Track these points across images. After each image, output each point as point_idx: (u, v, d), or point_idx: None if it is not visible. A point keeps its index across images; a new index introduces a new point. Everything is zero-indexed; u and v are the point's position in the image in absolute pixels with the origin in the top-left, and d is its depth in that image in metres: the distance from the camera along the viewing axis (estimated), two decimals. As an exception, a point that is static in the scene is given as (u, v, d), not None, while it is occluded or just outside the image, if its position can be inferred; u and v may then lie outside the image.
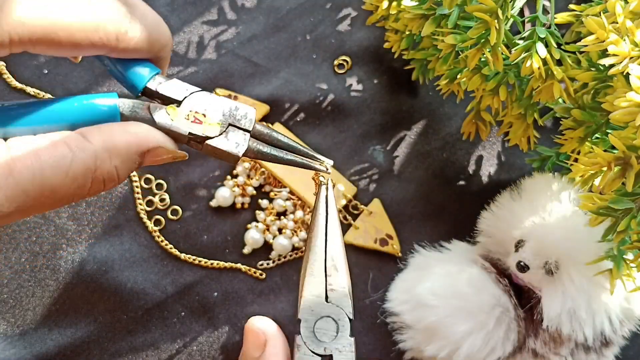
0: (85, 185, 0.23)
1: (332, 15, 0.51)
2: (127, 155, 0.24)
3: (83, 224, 0.46)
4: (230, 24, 0.51)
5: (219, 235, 0.47)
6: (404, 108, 0.50)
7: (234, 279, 0.46)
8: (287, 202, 0.47)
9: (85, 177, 0.23)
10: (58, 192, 0.23)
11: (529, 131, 0.41)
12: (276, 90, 0.49)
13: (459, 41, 0.36)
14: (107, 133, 0.24)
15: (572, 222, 0.38)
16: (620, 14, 0.30)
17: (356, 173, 0.48)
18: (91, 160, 0.23)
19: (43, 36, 0.22)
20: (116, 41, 0.24)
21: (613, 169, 0.29)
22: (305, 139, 0.48)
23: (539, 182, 0.41)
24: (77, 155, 0.23)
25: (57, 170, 0.22)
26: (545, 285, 0.38)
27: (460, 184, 0.48)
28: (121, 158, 0.24)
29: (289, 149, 0.29)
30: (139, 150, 0.24)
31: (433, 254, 0.44)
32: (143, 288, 0.45)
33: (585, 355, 0.38)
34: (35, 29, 0.22)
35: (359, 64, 0.50)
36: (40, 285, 0.45)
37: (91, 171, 0.23)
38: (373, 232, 0.46)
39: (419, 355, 0.42)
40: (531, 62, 0.34)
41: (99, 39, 0.23)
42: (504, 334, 0.38)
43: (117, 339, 0.45)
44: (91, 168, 0.23)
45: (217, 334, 0.45)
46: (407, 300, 0.41)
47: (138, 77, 0.26)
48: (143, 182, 0.47)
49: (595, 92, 0.35)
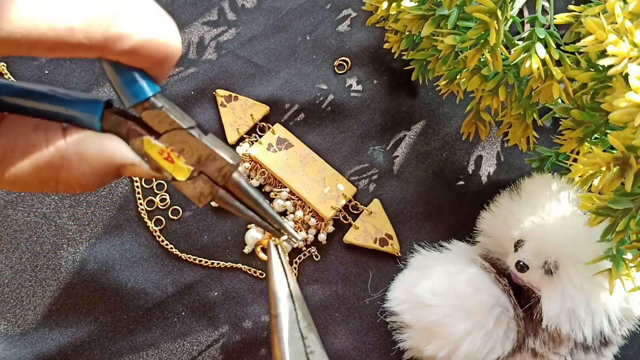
0: (49, 182, 0.23)
1: (332, 16, 0.51)
2: (97, 166, 0.24)
3: (84, 223, 0.46)
4: (230, 24, 0.51)
5: (219, 235, 0.47)
6: (404, 108, 0.50)
7: (234, 278, 0.46)
8: (287, 202, 0.47)
9: (50, 173, 0.23)
10: (21, 178, 0.23)
11: (528, 131, 0.41)
12: (276, 91, 0.49)
13: (458, 42, 0.36)
14: (82, 139, 0.24)
15: (572, 222, 0.38)
16: (620, 14, 0.30)
17: (356, 173, 0.48)
18: (58, 160, 0.23)
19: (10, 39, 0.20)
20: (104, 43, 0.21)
21: (612, 169, 0.29)
22: (305, 139, 0.49)
23: (538, 182, 0.41)
24: (48, 149, 0.23)
25: (26, 158, 0.23)
26: (545, 285, 0.38)
27: (460, 184, 0.48)
28: (91, 167, 0.24)
29: (259, 209, 0.28)
30: (110, 164, 0.24)
31: (433, 254, 0.44)
32: (144, 288, 0.45)
33: (584, 355, 0.38)
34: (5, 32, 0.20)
35: (359, 64, 0.50)
36: (41, 285, 0.45)
37: (56, 169, 0.23)
38: (373, 232, 0.46)
39: (418, 354, 0.42)
40: (530, 62, 0.34)
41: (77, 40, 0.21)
42: (503, 333, 0.38)
43: (117, 338, 0.45)
44: (56, 166, 0.23)
45: (217, 333, 0.45)
46: (406, 300, 0.41)
47: (134, 89, 0.24)
48: (144, 182, 0.48)
49: (595, 93, 0.35)
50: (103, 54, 0.22)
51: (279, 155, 0.47)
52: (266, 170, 0.47)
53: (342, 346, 0.45)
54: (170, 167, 0.25)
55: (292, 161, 0.47)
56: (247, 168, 0.48)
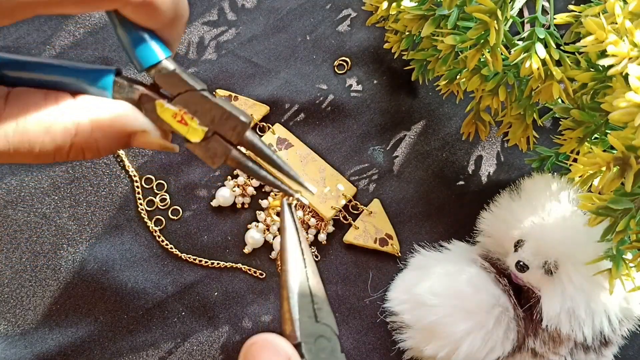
0: (63, 148, 0.23)
1: (332, 16, 0.51)
2: (109, 132, 0.24)
3: (84, 223, 0.46)
4: (230, 24, 0.51)
5: (219, 235, 0.47)
6: (404, 108, 0.50)
7: (234, 278, 0.46)
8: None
9: (64, 139, 0.23)
10: (35, 146, 0.23)
11: (528, 131, 0.41)
12: (276, 91, 0.49)
13: (458, 42, 0.36)
14: (94, 105, 0.24)
15: (572, 222, 0.38)
16: (620, 14, 0.30)
17: (356, 173, 0.48)
18: (72, 125, 0.23)
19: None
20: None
21: (612, 169, 0.29)
22: (305, 139, 0.49)
23: (538, 182, 0.41)
24: (62, 115, 0.23)
25: (39, 125, 0.23)
26: (545, 285, 0.38)
27: (460, 184, 0.48)
28: (103, 133, 0.24)
29: (273, 164, 0.28)
30: (122, 130, 0.24)
31: (433, 254, 0.44)
32: (144, 288, 0.45)
33: (584, 355, 0.38)
34: None
35: (359, 64, 0.50)
36: (41, 285, 0.45)
37: (70, 135, 0.23)
38: (373, 232, 0.46)
39: (418, 354, 0.42)
40: (530, 62, 0.34)
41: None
42: (503, 333, 0.38)
43: (117, 338, 0.45)
44: (71, 132, 0.23)
45: (218, 333, 0.45)
46: (406, 299, 0.41)
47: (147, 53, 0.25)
48: (144, 182, 0.48)
49: (595, 93, 0.35)
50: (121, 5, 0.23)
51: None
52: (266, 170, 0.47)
53: (342, 346, 0.45)
54: (184, 129, 0.25)
55: (292, 161, 0.47)
56: (247, 168, 0.48)
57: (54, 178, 0.47)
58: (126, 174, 0.48)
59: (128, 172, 0.48)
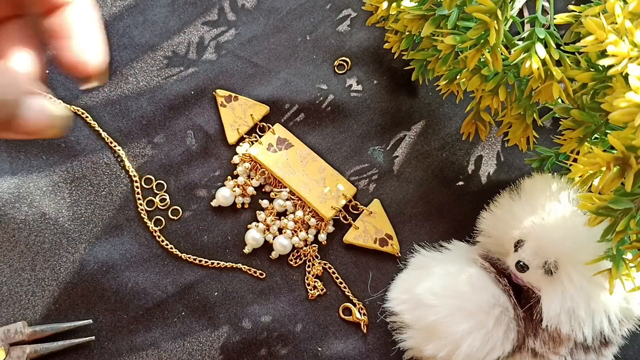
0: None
1: (332, 16, 0.51)
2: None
3: (84, 223, 0.46)
4: (230, 24, 0.51)
5: (219, 235, 0.47)
6: (404, 108, 0.50)
7: (234, 278, 0.46)
8: (287, 202, 0.47)
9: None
10: None
11: (528, 131, 0.41)
12: (276, 91, 0.49)
13: (458, 42, 0.36)
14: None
15: (572, 222, 0.38)
16: (620, 14, 0.30)
17: (356, 173, 0.48)
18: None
19: None
20: None
21: (612, 169, 0.29)
22: (305, 140, 0.49)
23: (538, 182, 0.41)
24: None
25: None
26: (545, 285, 0.38)
27: (460, 184, 0.48)
28: None
29: None
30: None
31: (433, 254, 0.44)
32: (143, 288, 0.45)
33: (584, 355, 0.38)
34: None
35: (359, 64, 0.50)
36: (40, 285, 0.45)
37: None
38: (373, 232, 0.46)
39: (418, 354, 0.42)
40: (530, 62, 0.34)
41: None
42: (503, 333, 0.38)
43: (117, 338, 0.45)
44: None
45: (217, 333, 0.45)
46: (407, 300, 0.41)
47: None
48: (143, 182, 0.48)
49: (595, 93, 0.35)
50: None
51: (279, 155, 0.47)
52: (266, 170, 0.47)
53: (342, 346, 0.45)
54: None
55: (292, 161, 0.47)
56: (247, 168, 0.48)
57: (54, 178, 0.47)
58: (126, 174, 0.48)
59: (128, 172, 0.48)
